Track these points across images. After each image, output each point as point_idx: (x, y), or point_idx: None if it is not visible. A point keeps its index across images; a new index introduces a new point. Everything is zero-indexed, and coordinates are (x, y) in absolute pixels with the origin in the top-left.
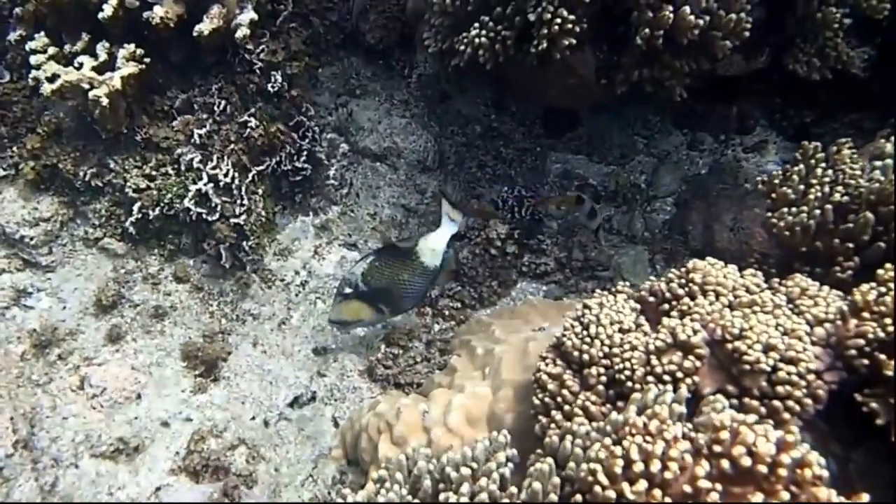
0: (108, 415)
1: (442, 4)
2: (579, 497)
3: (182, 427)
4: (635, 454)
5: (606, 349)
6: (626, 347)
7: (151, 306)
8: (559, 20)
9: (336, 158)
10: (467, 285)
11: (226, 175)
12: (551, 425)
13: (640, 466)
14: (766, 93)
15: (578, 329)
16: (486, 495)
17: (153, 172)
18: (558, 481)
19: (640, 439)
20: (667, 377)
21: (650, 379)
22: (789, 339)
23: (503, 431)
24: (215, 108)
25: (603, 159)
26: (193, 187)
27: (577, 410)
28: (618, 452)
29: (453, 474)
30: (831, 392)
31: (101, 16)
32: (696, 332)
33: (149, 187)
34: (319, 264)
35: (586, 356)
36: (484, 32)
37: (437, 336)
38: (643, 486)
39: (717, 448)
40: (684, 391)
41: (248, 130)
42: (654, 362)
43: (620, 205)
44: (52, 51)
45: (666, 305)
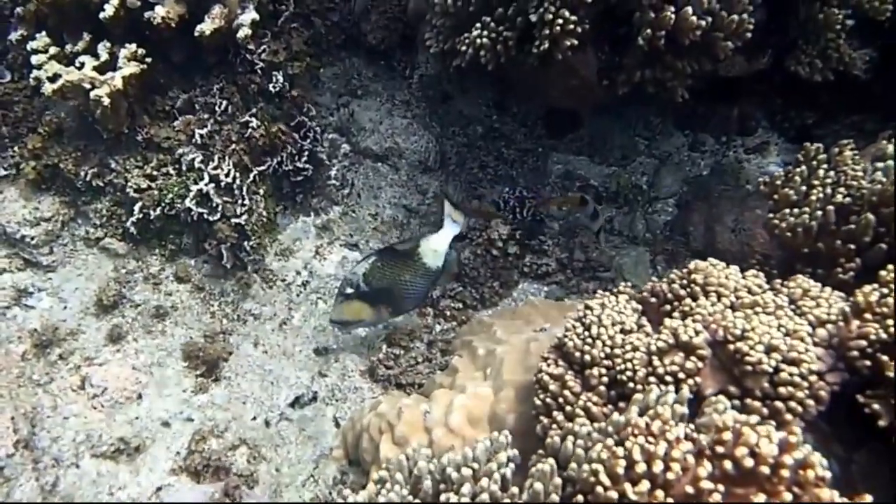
0: (108, 415)
1: (443, 5)
2: (581, 498)
3: (183, 427)
4: (638, 455)
5: (608, 350)
6: (628, 348)
7: (152, 306)
8: (561, 21)
9: (337, 159)
10: (469, 286)
11: (227, 175)
12: (553, 426)
13: (642, 467)
14: (768, 94)
15: (580, 330)
16: (487, 496)
17: (154, 172)
18: (560, 482)
19: (642, 440)
20: (669, 378)
21: (652, 380)
22: (791, 340)
23: (504, 432)
24: (217, 109)
25: (604, 160)
26: (195, 187)
27: (578, 411)
28: (620, 453)
29: (454, 475)
30: (833, 393)
31: (103, 15)
32: (698, 333)
33: (150, 187)
34: (321, 264)
35: (588, 357)
36: (485, 33)
37: (438, 336)
38: (646, 486)
39: (720, 449)
40: (686, 392)
41: (250, 130)
42: (656, 363)
43: (622, 206)
44: (53, 51)
45: (668, 306)
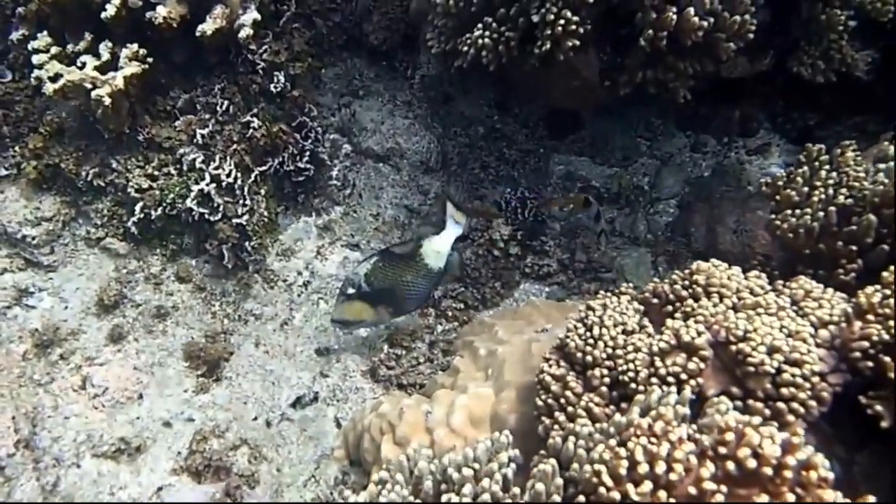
0: (109, 414)
1: (445, 5)
2: (583, 498)
3: (184, 427)
4: (640, 455)
5: (610, 350)
6: (630, 349)
7: (153, 306)
8: (563, 21)
9: (339, 159)
10: (470, 286)
11: (228, 175)
12: (554, 426)
13: (644, 468)
14: (770, 95)
15: (582, 330)
16: (488, 496)
17: (155, 172)
18: (562, 482)
19: (644, 441)
20: (671, 379)
21: (654, 380)
22: (793, 341)
23: (505, 432)
24: (218, 109)
25: (606, 161)
26: (196, 187)
27: (580, 412)
28: (622, 454)
29: (455, 475)
30: (835, 394)
31: (104, 15)
32: (700, 334)
33: (151, 187)
34: (322, 265)
35: (590, 357)
36: (487, 33)
37: (440, 337)
38: (648, 487)
39: (722, 450)
40: (688, 393)
41: (251, 131)
42: (658, 364)
43: (623, 207)
44: (54, 50)
45: (669, 307)
